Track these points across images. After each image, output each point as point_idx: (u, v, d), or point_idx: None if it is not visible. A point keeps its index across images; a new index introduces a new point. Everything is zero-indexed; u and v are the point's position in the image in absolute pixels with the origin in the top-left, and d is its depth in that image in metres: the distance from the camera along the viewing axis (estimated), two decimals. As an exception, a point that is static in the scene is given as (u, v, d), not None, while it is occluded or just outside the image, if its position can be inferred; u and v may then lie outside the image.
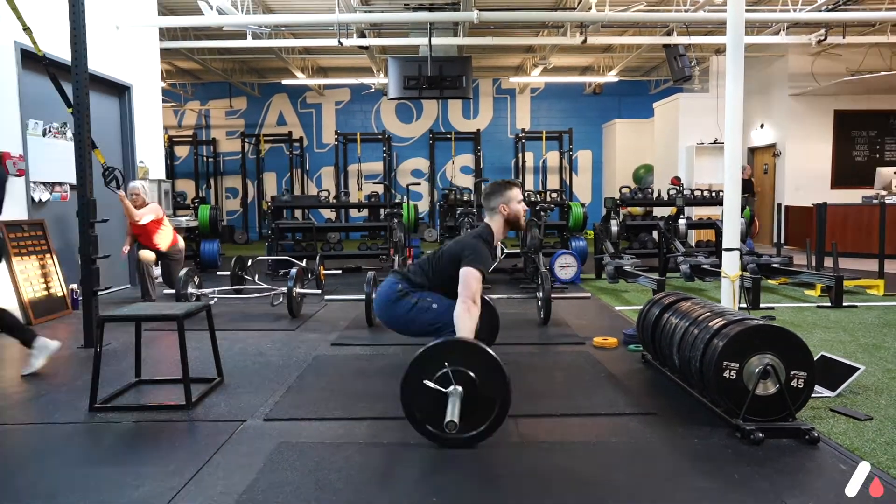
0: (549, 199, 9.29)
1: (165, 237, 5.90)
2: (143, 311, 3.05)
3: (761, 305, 5.38)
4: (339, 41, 8.94)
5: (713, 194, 8.53)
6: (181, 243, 6.15)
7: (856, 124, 10.93)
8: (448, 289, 3.01)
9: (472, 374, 2.42)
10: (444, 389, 2.39)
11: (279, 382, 3.31)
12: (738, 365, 2.52)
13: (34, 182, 5.39)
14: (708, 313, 2.88)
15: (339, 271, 7.64)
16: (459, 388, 2.39)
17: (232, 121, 15.12)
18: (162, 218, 5.87)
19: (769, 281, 6.76)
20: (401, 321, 3.08)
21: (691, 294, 3.50)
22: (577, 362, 3.66)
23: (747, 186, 10.43)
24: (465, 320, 2.68)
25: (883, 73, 9.85)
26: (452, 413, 2.32)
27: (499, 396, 2.44)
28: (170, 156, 14.22)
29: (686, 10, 8.64)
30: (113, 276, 6.57)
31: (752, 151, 12.09)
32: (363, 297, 4.68)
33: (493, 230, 3.06)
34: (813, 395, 2.82)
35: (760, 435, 2.41)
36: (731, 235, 4.05)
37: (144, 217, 5.66)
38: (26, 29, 4.21)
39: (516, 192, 3.06)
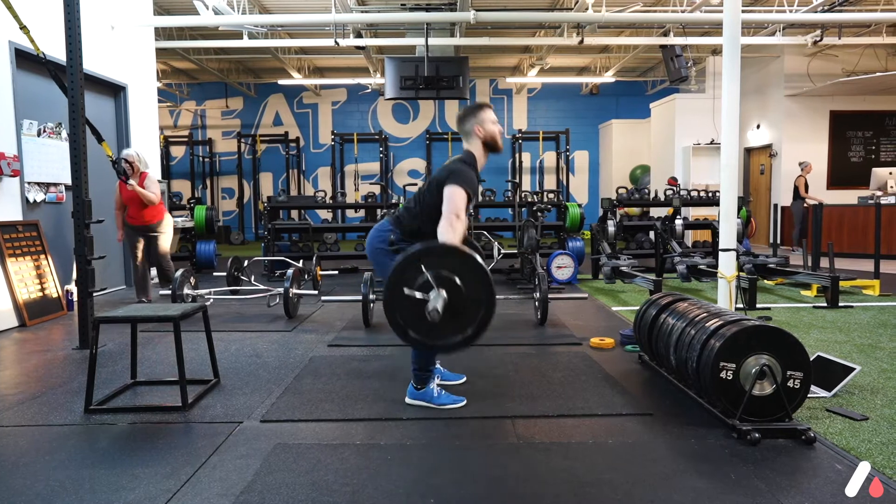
0: (545, 199, 9.29)
1: (155, 211, 5.69)
2: (139, 313, 3.03)
3: (758, 306, 5.39)
4: (335, 41, 8.94)
5: (710, 195, 8.55)
6: (168, 218, 5.89)
7: (852, 125, 10.97)
8: (437, 223, 2.95)
9: (454, 278, 2.39)
10: (426, 296, 2.36)
11: (276, 384, 3.30)
12: (734, 365, 2.52)
13: (29, 183, 5.36)
14: (704, 314, 2.88)
15: (336, 272, 7.63)
16: (443, 292, 2.37)
17: (228, 121, 15.10)
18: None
19: (765, 281, 6.77)
20: (385, 273, 2.99)
21: (688, 294, 3.51)
22: (573, 363, 3.66)
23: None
24: (449, 234, 2.63)
25: (878, 73, 9.88)
26: (435, 302, 2.32)
27: (484, 298, 2.42)
28: (166, 156, 14.20)
29: (682, 11, 8.66)
30: (108, 277, 6.55)
31: (749, 152, 12.11)
32: (360, 297, 4.67)
33: (475, 154, 3.00)
34: (809, 396, 2.84)
35: (757, 435, 2.41)
36: (728, 236, 4.06)
37: (156, 196, 5.55)
38: (23, 28, 4.18)
39: (489, 114, 3.00)
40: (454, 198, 2.72)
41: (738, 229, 5.98)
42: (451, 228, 2.65)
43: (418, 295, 2.37)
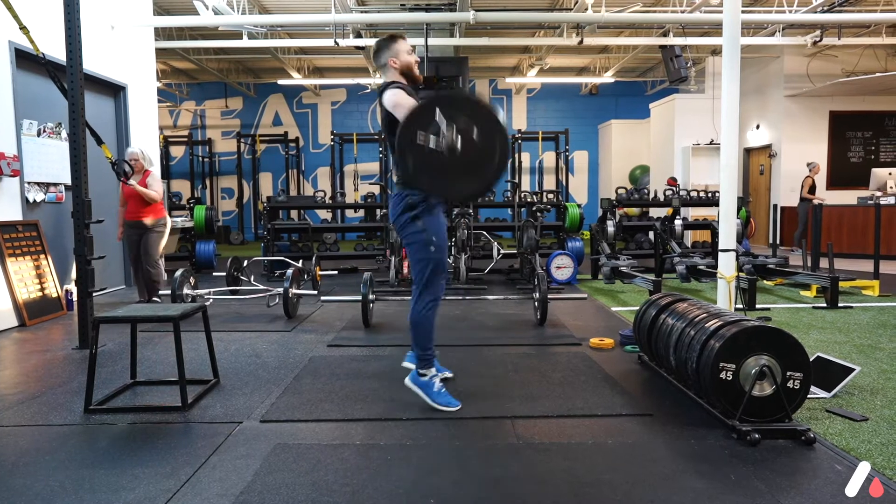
0: (545, 199, 9.28)
1: (154, 209, 5.62)
2: (139, 313, 3.03)
3: (757, 306, 5.39)
4: (335, 41, 8.94)
5: (709, 195, 8.55)
6: (167, 219, 5.82)
7: (851, 125, 10.98)
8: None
9: (468, 124, 2.38)
10: (440, 142, 2.36)
11: (275, 384, 3.30)
12: (734, 366, 2.52)
13: (29, 183, 5.36)
14: (704, 314, 2.88)
15: (336, 272, 7.63)
16: (458, 136, 2.38)
17: (228, 121, 15.10)
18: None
19: (765, 282, 6.78)
20: (406, 239, 2.96)
21: (688, 295, 3.51)
22: (573, 363, 3.66)
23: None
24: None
25: (878, 74, 9.89)
26: (448, 137, 2.33)
27: (498, 144, 2.42)
28: (165, 156, 14.19)
29: (682, 12, 8.67)
30: (108, 277, 6.54)
31: (748, 152, 12.12)
32: (359, 297, 4.67)
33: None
34: (809, 396, 2.84)
35: (757, 436, 2.41)
36: (728, 236, 4.06)
37: (158, 194, 5.53)
38: (23, 28, 4.19)
39: (403, 44, 2.97)
40: (394, 99, 2.73)
41: (737, 230, 5.98)
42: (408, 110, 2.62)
43: (432, 143, 2.35)
